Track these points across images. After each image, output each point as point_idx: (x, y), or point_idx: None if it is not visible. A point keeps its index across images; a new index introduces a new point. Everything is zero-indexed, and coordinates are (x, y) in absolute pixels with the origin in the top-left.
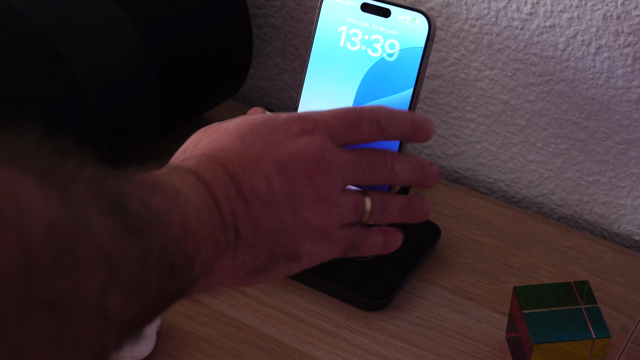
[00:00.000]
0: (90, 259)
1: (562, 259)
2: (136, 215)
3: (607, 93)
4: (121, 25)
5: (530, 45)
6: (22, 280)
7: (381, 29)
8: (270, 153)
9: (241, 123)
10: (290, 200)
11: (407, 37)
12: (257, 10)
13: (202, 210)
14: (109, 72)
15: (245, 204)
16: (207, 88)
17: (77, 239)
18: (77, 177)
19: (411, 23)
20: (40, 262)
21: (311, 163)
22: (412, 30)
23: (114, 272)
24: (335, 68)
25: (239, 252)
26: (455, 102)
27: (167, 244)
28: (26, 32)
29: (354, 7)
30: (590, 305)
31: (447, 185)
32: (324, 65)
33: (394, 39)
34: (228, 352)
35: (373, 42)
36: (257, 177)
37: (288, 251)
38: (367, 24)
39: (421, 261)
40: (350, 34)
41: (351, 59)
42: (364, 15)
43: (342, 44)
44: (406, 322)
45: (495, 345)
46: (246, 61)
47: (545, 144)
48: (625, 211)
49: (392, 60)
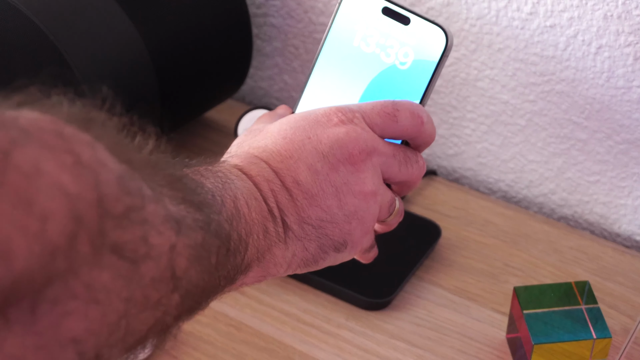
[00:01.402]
0: (159, 216)
1: (563, 259)
2: (193, 190)
3: (607, 93)
4: (121, 25)
5: (530, 45)
6: (95, 223)
7: (398, 36)
8: (312, 145)
9: (282, 122)
10: (336, 190)
11: (422, 48)
12: (257, 10)
13: (251, 199)
14: (109, 72)
15: (290, 197)
16: (207, 88)
17: (145, 197)
18: (141, 151)
19: (429, 35)
20: (113, 210)
21: (353, 151)
22: (428, 43)
23: (181, 233)
24: (346, 66)
25: (289, 244)
26: (455, 102)
27: (223, 222)
28: (26, 32)
29: (375, 8)
30: (590, 305)
31: (447, 185)
32: (334, 60)
33: (410, 48)
34: (228, 352)
35: (388, 47)
36: (300, 169)
37: (336, 242)
38: (385, 28)
39: (421, 261)
40: (366, 34)
41: (363, 60)
42: (383, 19)
43: (356, 44)
44: (406, 322)
45: (495, 345)
46: (246, 61)
47: (545, 144)
48: (626, 211)
49: (404, 69)
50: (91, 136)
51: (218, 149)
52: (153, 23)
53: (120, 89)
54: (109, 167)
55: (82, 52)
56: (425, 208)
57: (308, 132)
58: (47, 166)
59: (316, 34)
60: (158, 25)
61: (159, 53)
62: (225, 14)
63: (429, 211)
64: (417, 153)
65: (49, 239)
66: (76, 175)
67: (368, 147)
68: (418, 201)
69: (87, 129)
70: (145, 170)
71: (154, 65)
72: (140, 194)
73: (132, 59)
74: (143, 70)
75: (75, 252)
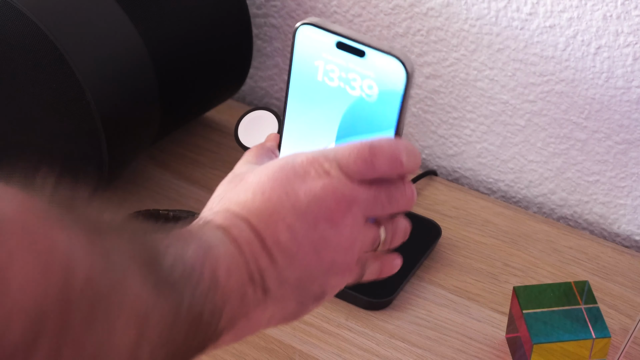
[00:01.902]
0: (126, 310)
1: (562, 259)
2: (170, 269)
3: (607, 93)
4: (121, 25)
5: (530, 45)
6: (59, 322)
7: (357, 69)
8: (290, 202)
9: (261, 174)
10: (315, 247)
11: (384, 80)
12: (257, 10)
13: (232, 266)
14: (109, 73)
15: (270, 259)
16: (207, 88)
17: (114, 290)
18: (119, 231)
19: (387, 67)
20: (79, 307)
21: (331, 205)
22: (388, 74)
23: (149, 325)
24: (316, 102)
25: (268, 306)
26: (455, 102)
27: (198, 297)
28: (27, 32)
29: (329, 43)
30: (590, 305)
31: (447, 185)
32: (304, 98)
33: (372, 80)
34: (228, 352)
35: (351, 80)
36: (280, 229)
37: (314, 294)
38: (344, 62)
39: (421, 261)
40: (327, 69)
41: (330, 94)
42: (340, 53)
43: (320, 79)
44: (406, 322)
45: (495, 345)
46: (246, 61)
47: (545, 144)
48: (625, 211)
49: (372, 101)
50: (68, 222)
51: (218, 149)
52: (153, 23)
53: (121, 89)
54: (79, 262)
55: (82, 52)
56: (425, 208)
57: (286, 186)
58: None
59: None
60: (158, 25)
61: (159, 53)
62: (225, 14)
63: (429, 211)
64: (402, 184)
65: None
66: (45, 271)
67: (346, 199)
68: (418, 201)
69: (67, 212)
70: (121, 254)
71: (154, 65)
72: (110, 287)
73: (132, 59)
74: (143, 70)
75: (34, 351)
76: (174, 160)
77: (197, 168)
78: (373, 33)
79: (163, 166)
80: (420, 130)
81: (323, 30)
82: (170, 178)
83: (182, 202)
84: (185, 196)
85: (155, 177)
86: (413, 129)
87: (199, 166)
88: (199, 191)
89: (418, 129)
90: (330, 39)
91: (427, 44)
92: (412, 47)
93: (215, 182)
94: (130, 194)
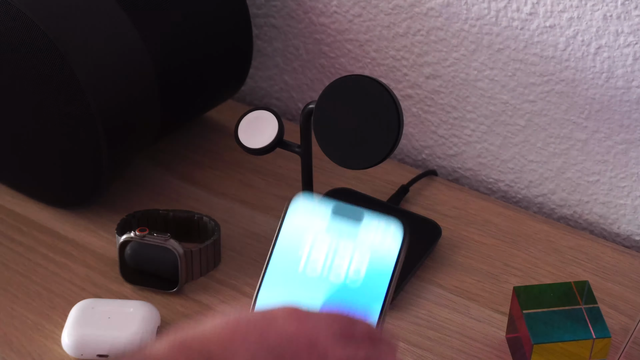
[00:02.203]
0: None
1: (562, 259)
2: None
3: (607, 93)
4: (122, 25)
5: (530, 45)
6: None
7: (348, 248)
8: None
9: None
10: None
11: (374, 260)
12: (257, 10)
13: None
14: (109, 72)
15: None
16: (207, 88)
17: None
18: None
19: (383, 231)
20: None
21: (304, 348)
22: (381, 251)
23: None
24: (291, 295)
25: None
26: (455, 102)
27: None
28: (27, 32)
29: (324, 211)
30: (590, 305)
31: (447, 185)
32: (279, 289)
33: (360, 261)
34: None
35: (336, 267)
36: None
37: None
38: (333, 243)
39: (421, 261)
40: (312, 253)
41: (310, 285)
42: (332, 226)
43: (301, 269)
44: (406, 322)
45: (495, 345)
46: (246, 61)
47: (545, 144)
48: (625, 211)
49: (357, 286)
50: None
51: (218, 149)
52: (153, 24)
53: (121, 89)
54: None
55: (82, 53)
56: (425, 208)
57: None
58: None
59: (316, 35)
60: (158, 25)
61: (159, 53)
62: (225, 15)
63: (429, 211)
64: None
65: None
66: None
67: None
68: (418, 201)
69: None
70: None
71: (154, 65)
72: None
73: (132, 59)
74: (143, 70)
75: None
76: (174, 160)
77: (197, 168)
78: (373, 33)
79: (163, 166)
80: (420, 130)
81: (319, 199)
82: (170, 178)
83: (182, 202)
84: (185, 196)
85: (155, 177)
86: (413, 129)
87: (199, 166)
88: (199, 191)
89: (418, 129)
90: (326, 205)
91: (427, 44)
92: (412, 47)
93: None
94: (130, 194)
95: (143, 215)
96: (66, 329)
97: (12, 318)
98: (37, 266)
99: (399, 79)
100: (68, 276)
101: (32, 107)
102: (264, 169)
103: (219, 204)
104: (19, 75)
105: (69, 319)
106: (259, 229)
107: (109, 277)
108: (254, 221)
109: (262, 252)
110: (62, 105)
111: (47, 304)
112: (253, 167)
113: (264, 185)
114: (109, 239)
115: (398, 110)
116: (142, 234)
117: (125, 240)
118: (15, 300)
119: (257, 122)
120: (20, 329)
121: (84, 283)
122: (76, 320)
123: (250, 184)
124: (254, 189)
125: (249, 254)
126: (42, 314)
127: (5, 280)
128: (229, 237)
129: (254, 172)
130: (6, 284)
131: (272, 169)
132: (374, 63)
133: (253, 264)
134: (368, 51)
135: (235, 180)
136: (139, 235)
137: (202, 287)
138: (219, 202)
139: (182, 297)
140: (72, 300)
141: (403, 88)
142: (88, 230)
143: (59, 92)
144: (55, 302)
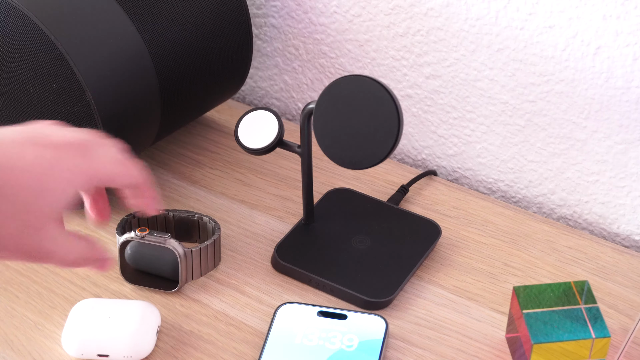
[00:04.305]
0: None
1: (562, 258)
2: None
3: (606, 93)
4: (122, 25)
5: (530, 45)
6: None
7: (338, 328)
8: None
9: None
10: None
11: (364, 333)
12: (257, 10)
13: None
14: (109, 72)
15: None
16: (207, 88)
17: None
18: None
19: (368, 322)
20: None
21: None
22: (369, 328)
23: None
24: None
25: None
26: (455, 102)
27: None
28: (27, 32)
29: (311, 313)
30: (589, 305)
31: (447, 185)
32: (280, 356)
33: (352, 334)
34: (228, 352)
35: (331, 338)
36: None
37: None
38: (324, 325)
39: (421, 261)
40: (307, 333)
41: (308, 352)
42: (321, 320)
43: (298, 341)
44: (406, 322)
45: (495, 345)
46: (246, 61)
47: (545, 144)
48: (625, 211)
49: (352, 350)
50: None
51: (218, 149)
52: (153, 23)
53: (121, 89)
54: None
55: (83, 53)
56: (425, 208)
57: None
58: None
59: (316, 35)
60: (158, 25)
61: (159, 53)
62: (225, 15)
63: (429, 211)
64: None
65: None
66: None
67: None
68: (418, 201)
69: None
70: None
71: (154, 65)
72: None
73: (132, 59)
74: (143, 70)
75: None
76: (174, 160)
77: (197, 168)
78: (373, 33)
79: (163, 166)
80: (420, 130)
81: (304, 305)
82: (170, 178)
83: (182, 202)
84: (185, 196)
85: (155, 177)
86: (413, 129)
87: (199, 166)
88: (199, 191)
89: (418, 129)
90: (311, 310)
91: (427, 44)
92: (412, 47)
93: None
94: None
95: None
96: (66, 328)
97: (12, 318)
98: (37, 266)
99: (399, 79)
100: (68, 276)
101: (32, 107)
102: (264, 169)
103: (219, 204)
104: (19, 75)
105: (69, 319)
106: (259, 229)
107: (109, 277)
108: (254, 221)
109: (262, 252)
110: (62, 105)
111: (47, 304)
112: (253, 167)
113: (264, 185)
114: (109, 239)
115: (398, 110)
116: (142, 234)
117: (126, 240)
118: (15, 300)
119: (257, 122)
120: (20, 329)
121: (84, 283)
122: (76, 320)
123: (250, 184)
124: (254, 189)
125: (249, 254)
126: (42, 314)
127: (6, 280)
128: (229, 237)
129: (254, 172)
130: (6, 284)
131: (272, 169)
132: (374, 63)
133: (253, 264)
134: (368, 51)
135: (235, 180)
136: (139, 235)
137: (202, 287)
138: (219, 202)
139: (182, 297)
140: (72, 300)
141: (403, 88)
142: (88, 230)
143: (59, 92)
144: (55, 302)
